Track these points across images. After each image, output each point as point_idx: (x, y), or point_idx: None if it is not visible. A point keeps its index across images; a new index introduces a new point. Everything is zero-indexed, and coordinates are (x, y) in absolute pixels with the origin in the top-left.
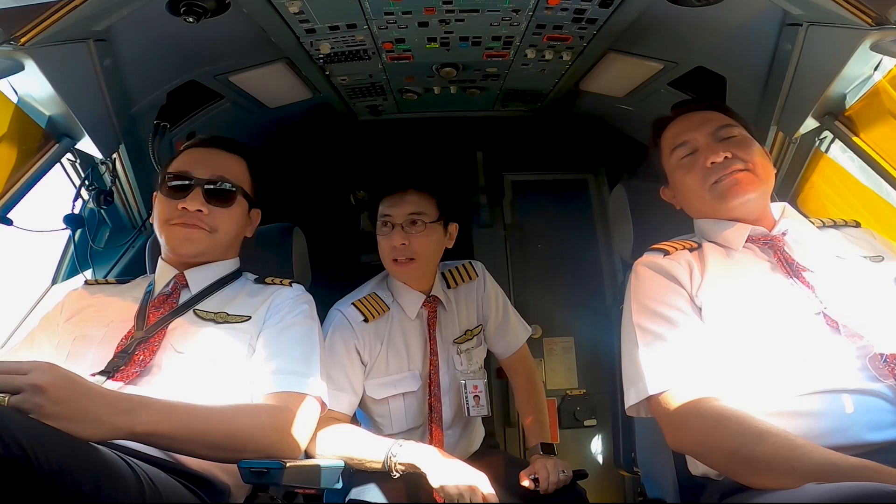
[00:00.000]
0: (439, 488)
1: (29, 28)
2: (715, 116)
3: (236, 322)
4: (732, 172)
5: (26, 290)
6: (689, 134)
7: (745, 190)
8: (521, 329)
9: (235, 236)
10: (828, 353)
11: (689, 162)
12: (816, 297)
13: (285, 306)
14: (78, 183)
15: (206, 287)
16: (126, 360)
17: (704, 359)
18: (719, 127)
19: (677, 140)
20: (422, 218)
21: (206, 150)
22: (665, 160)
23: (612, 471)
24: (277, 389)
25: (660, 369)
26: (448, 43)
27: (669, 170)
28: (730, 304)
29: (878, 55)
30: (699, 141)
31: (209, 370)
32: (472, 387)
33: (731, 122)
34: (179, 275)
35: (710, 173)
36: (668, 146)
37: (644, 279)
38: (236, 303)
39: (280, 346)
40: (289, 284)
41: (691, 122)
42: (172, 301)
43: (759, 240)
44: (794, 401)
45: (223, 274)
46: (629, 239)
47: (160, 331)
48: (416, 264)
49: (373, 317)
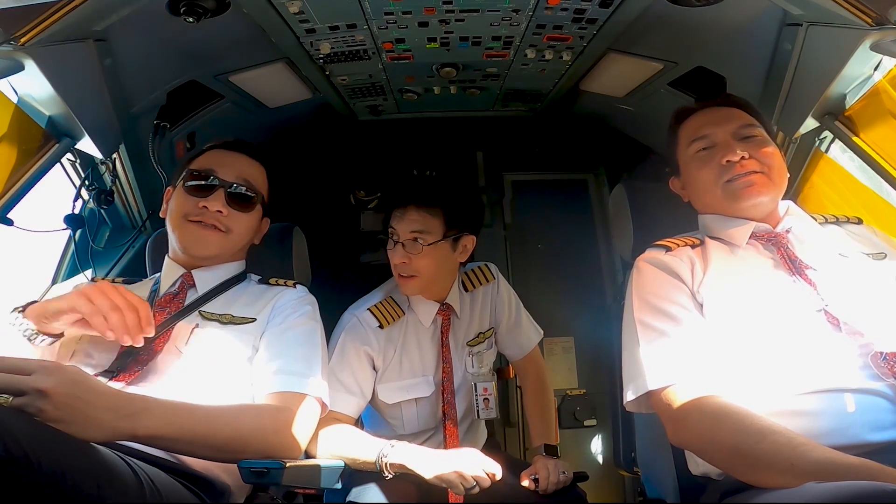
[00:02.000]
0: (438, 480)
1: (29, 28)
2: (739, 115)
3: (241, 324)
4: (748, 173)
5: (26, 290)
6: (710, 128)
7: (759, 192)
8: (532, 331)
9: (247, 241)
10: (828, 351)
11: (705, 156)
12: (818, 294)
13: (288, 307)
14: (78, 183)
15: (212, 288)
16: (130, 360)
17: (706, 355)
18: (742, 126)
19: (697, 133)
20: (423, 237)
21: (231, 153)
22: (680, 151)
23: (612, 471)
24: (279, 389)
25: (661, 365)
26: (448, 43)
27: (684, 161)
28: (731, 301)
29: (878, 55)
30: (719, 137)
31: (212, 371)
32: (482, 389)
33: (754, 122)
34: (187, 274)
35: (725, 171)
36: (687, 137)
37: (646, 275)
38: (241, 304)
39: (282, 347)
40: (293, 286)
41: (714, 116)
42: (179, 301)
43: (762, 236)
44: (794, 399)
45: (230, 275)
46: (629, 239)
47: (165, 332)
48: (417, 280)
49: (388, 322)
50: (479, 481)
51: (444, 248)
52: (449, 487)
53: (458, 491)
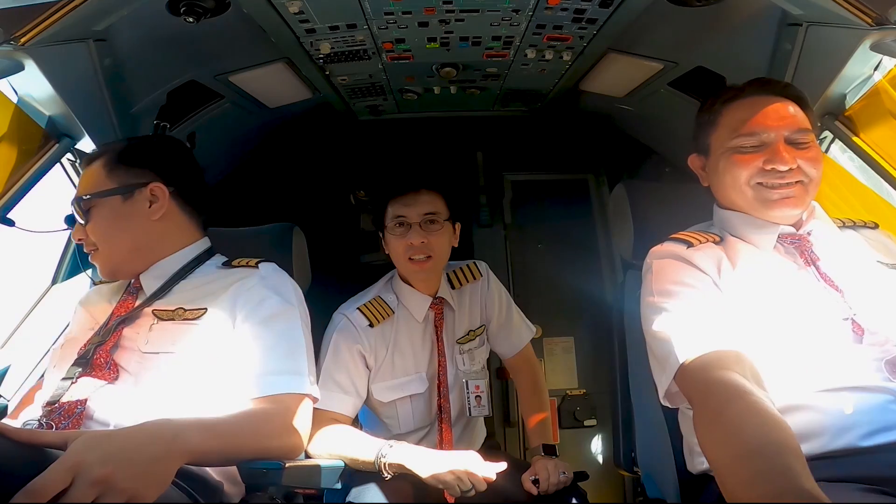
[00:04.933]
0: (434, 480)
1: (29, 28)
2: (796, 116)
3: (193, 318)
4: (789, 184)
5: (26, 290)
6: (763, 127)
7: (795, 205)
8: (524, 329)
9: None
10: (846, 355)
11: (750, 153)
12: (845, 302)
13: (254, 296)
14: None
15: (161, 286)
16: (85, 364)
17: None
18: (797, 130)
19: (747, 128)
20: (437, 217)
21: None
22: (716, 135)
23: (612, 471)
24: (268, 393)
25: (692, 334)
26: (448, 43)
27: (718, 147)
28: (759, 302)
29: (878, 55)
30: (771, 138)
31: (175, 371)
32: (473, 387)
33: (809, 127)
34: (135, 279)
35: (766, 174)
36: (731, 127)
37: (665, 268)
38: (195, 294)
39: (261, 346)
40: (255, 265)
41: (770, 113)
42: (129, 303)
43: (784, 238)
44: (801, 395)
45: (178, 266)
46: (629, 239)
47: (114, 333)
48: (432, 262)
49: (378, 321)
50: (475, 484)
51: (450, 229)
52: (445, 489)
53: (454, 493)
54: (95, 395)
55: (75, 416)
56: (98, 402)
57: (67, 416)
